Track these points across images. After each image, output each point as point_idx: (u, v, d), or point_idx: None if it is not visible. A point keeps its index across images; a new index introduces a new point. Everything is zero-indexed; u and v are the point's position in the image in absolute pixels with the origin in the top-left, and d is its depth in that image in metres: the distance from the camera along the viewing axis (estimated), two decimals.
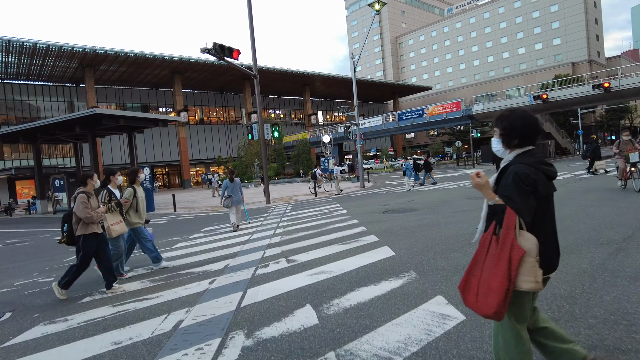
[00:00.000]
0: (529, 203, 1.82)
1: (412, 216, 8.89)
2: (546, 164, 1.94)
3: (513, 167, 1.89)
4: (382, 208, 10.90)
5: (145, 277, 5.53)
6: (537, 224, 1.88)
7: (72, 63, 41.53)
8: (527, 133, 1.95)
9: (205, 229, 10.20)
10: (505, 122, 2.01)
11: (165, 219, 14.13)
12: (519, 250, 1.76)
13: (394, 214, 9.60)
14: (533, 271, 1.77)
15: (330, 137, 32.33)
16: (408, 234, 6.78)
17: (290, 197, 19.02)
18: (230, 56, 13.37)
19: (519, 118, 1.97)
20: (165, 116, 20.40)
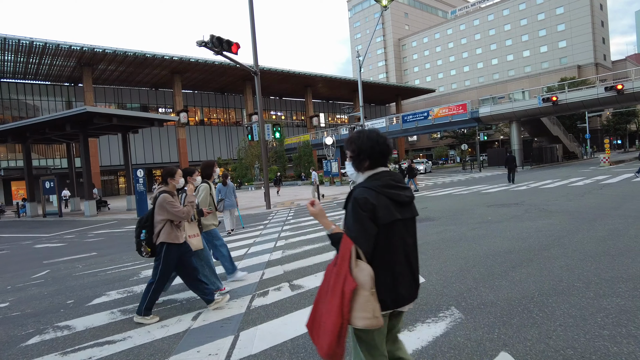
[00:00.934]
0: (367, 230, 1.70)
1: (431, 227, 7.86)
2: (395, 188, 1.80)
3: (354, 192, 1.78)
4: None
5: (117, 305, 4.50)
6: (383, 253, 1.75)
7: (70, 62, 40.66)
8: (376, 155, 1.84)
9: None
10: (354, 145, 1.88)
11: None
12: (351, 283, 1.62)
13: None
14: (368, 306, 1.63)
15: (333, 139, 31.39)
16: (433, 252, 5.74)
17: (291, 202, 18.02)
18: (229, 50, 12.38)
19: (368, 140, 1.85)
20: (160, 115, 19.43)
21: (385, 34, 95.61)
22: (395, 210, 1.76)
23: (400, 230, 1.79)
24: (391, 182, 1.80)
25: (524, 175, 23.37)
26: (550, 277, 4.13)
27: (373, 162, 1.85)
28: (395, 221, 1.76)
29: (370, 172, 1.85)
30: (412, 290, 1.83)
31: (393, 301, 1.75)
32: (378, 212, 1.70)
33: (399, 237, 1.78)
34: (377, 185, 1.77)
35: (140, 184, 16.94)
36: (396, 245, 1.77)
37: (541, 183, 16.44)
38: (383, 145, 1.85)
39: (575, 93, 31.88)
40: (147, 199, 17.49)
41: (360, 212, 1.70)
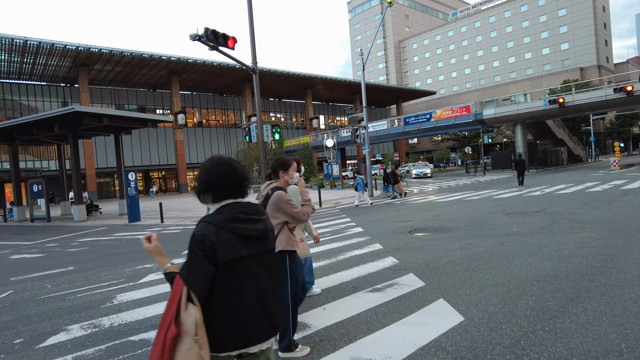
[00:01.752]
0: (200, 271, 1.58)
1: (451, 240, 6.95)
2: (244, 221, 1.70)
3: (195, 228, 1.69)
4: (405, 226, 8.96)
5: (74, 348, 3.58)
6: (226, 293, 1.63)
7: (65, 62, 39.80)
8: (215, 186, 1.72)
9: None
10: (199, 175, 1.77)
11: (147, 233, 12.18)
12: (173, 330, 1.49)
13: (424, 235, 7.66)
14: (191, 354, 1.49)
15: (333, 141, 30.56)
16: (463, 274, 4.82)
17: None
18: (225, 45, 11.49)
19: (212, 170, 1.73)
20: (154, 116, 18.56)
21: (386, 35, 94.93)
22: (242, 246, 1.66)
23: (249, 267, 1.68)
24: (239, 216, 1.69)
25: (533, 179, 22.48)
26: (628, 317, 3.22)
27: (218, 193, 1.73)
28: (242, 258, 1.66)
29: (218, 205, 1.73)
30: (264, 329, 1.71)
31: (236, 343, 1.64)
32: (217, 249, 1.60)
33: (247, 274, 1.67)
34: (221, 219, 1.66)
35: (131, 187, 16.01)
36: (243, 283, 1.66)
37: (555, 188, 15.55)
38: (231, 176, 1.73)
39: (582, 95, 31.06)
40: (139, 204, 16.59)
41: (195, 250, 1.61)
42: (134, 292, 5.23)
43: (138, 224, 15.29)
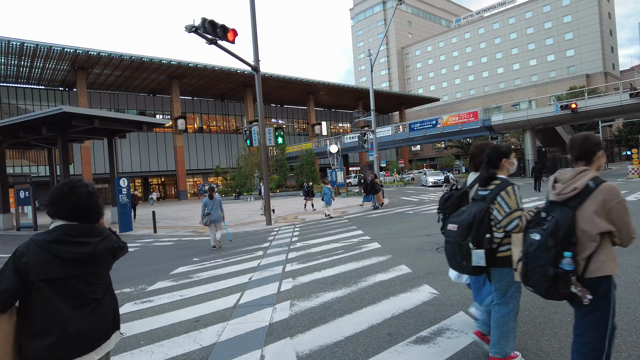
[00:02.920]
0: (2, 282, 1.61)
1: None
2: (67, 244, 1.72)
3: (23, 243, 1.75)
4: (428, 241, 7.77)
5: None
6: (36, 312, 1.66)
7: (63, 65, 38.93)
8: (54, 207, 1.80)
9: (177, 270, 7.06)
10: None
11: (136, 246, 11.00)
12: None
13: None
14: None
15: (338, 147, 29.44)
16: (538, 318, 3.63)
17: (295, 216, 15.94)
18: (224, 37, 10.41)
19: (53, 190, 1.83)
20: (149, 118, 17.51)
21: (388, 42, 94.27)
22: (59, 268, 1.69)
23: (64, 287, 1.71)
24: (64, 238, 1.73)
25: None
26: None
27: (52, 213, 1.82)
28: (56, 279, 1.69)
29: (52, 224, 1.81)
30: (73, 350, 1.69)
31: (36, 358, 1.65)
32: (30, 268, 1.65)
33: (59, 295, 1.69)
34: (45, 239, 1.72)
35: (123, 194, 14.87)
36: (54, 304, 1.68)
37: None
38: (60, 198, 1.79)
39: (596, 100, 29.95)
40: (131, 212, 15.44)
41: (10, 262, 1.66)
42: None
43: (129, 234, 14.12)
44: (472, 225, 2.42)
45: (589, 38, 67.15)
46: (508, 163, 2.68)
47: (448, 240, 2.58)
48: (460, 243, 2.46)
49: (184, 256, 8.52)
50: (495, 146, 2.69)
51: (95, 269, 1.81)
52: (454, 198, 3.09)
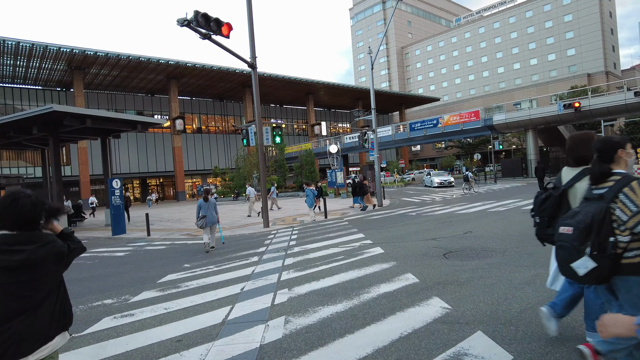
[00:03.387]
0: None
1: (508, 270, 5.27)
2: (2, 252, 1.77)
3: None
4: (434, 246, 7.30)
5: None
6: None
7: (59, 65, 38.48)
8: (7, 221, 1.83)
9: (166, 277, 6.59)
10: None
11: (127, 250, 10.52)
12: None
13: (466, 261, 6.00)
14: None
15: (337, 147, 29.03)
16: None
17: (293, 218, 15.46)
18: (218, 32, 9.95)
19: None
20: (143, 118, 17.01)
21: (388, 42, 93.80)
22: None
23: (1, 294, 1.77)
24: (1, 247, 1.78)
25: None
26: None
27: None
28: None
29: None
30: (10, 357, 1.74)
31: None
32: None
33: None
34: None
35: (115, 196, 14.39)
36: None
37: None
38: (3, 210, 1.82)
39: (599, 99, 29.51)
40: (124, 214, 14.96)
41: None
42: (68, 356, 3.56)
43: (122, 237, 13.65)
44: (591, 227, 1.99)
45: (590, 37, 66.70)
46: (625, 154, 2.28)
47: (562, 245, 2.13)
48: (577, 248, 2.01)
49: (175, 262, 8.05)
50: (605, 138, 2.27)
51: (34, 275, 1.82)
52: (553, 199, 2.64)
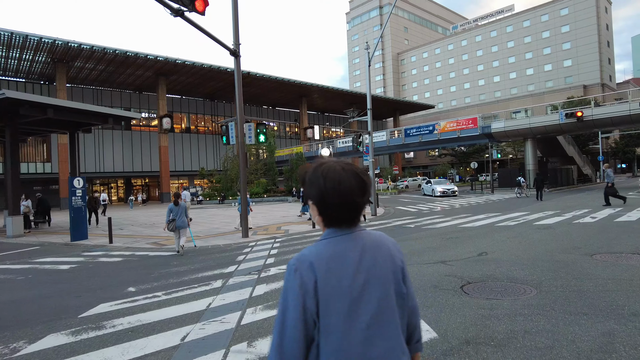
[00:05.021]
0: None
1: (560, 319, 3.80)
2: None
3: None
4: (446, 272, 5.80)
5: None
6: None
7: (41, 57, 36.55)
8: None
9: (95, 308, 4.97)
10: None
11: (75, 262, 8.85)
12: None
13: (493, 299, 4.50)
14: None
15: (330, 151, 27.60)
16: None
17: (278, 226, 13.90)
18: (192, 7, 8.41)
19: None
20: (117, 111, 15.39)
21: (384, 47, 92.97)
22: None
23: None
24: None
25: (556, 201, 19.46)
26: None
27: None
28: None
29: None
30: None
31: None
32: None
33: None
34: None
35: (77, 197, 12.70)
36: None
37: (604, 213, 12.56)
38: None
39: (603, 108, 28.42)
40: (87, 217, 13.25)
41: None
42: None
43: (81, 243, 11.97)
44: None
45: (587, 49, 66.37)
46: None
47: None
48: None
49: (121, 282, 6.44)
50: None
51: None
52: None
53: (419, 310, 1.34)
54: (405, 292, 1.24)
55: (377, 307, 1.15)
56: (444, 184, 29.71)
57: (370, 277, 1.17)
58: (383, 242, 1.26)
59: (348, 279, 1.14)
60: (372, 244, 1.23)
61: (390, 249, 1.26)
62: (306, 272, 1.13)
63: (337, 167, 1.20)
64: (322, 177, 1.19)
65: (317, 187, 1.19)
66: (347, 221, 1.22)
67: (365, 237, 1.23)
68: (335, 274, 1.14)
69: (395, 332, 1.18)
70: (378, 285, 1.17)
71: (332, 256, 1.16)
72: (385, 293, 1.18)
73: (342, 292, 1.13)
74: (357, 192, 1.19)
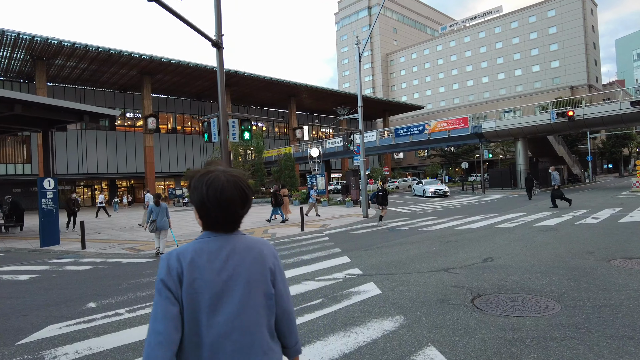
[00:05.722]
0: None
1: (601, 345, 3.15)
2: None
3: None
4: (450, 281, 5.14)
5: None
6: None
7: (19, 54, 35.23)
8: None
9: (42, 331, 4.18)
10: None
11: (38, 271, 7.99)
12: None
13: (512, 316, 3.84)
14: None
15: (319, 151, 26.94)
16: None
17: (264, 229, 13.13)
18: None
19: None
20: (93, 107, 14.39)
21: (373, 48, 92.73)
22: None
23: None
24: None
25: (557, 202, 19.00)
26: None
27: None
28: None
29: None
30: None
31: None
32: None
33: None
34: None
35: (47, 199, 11.78)
36: None
37: (605, 213, 12.09)
38: None
39: (594, 108, 28.27)
40: (58, 222, 12.31)
41: None
42: None
43: (51, 249, 11.06)
44: None
45: (574, 50, 66.90)
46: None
47: None
48: None
49: (82, 295, 5.64)
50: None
51: None
52: None
53: (294, 316, 1.36)
54: (272, 293, 1.28)
55: (240, 304, 1.21)
56: (435, 184, 29.19)
57: (236, 275, 1.23)
58: (256, 245, 1.31)
59: (211, 274, 1.20)
60: (243, 246, 1.28)
61: (263, 251, 1.31)
62: (173, 261, 1.21)
63: (222, 177, 1.25)
64: (206, 185, 1.24)
65: (199, 194, 1.24)
66: (225, 227, 1.28)
67: (239, 239, 1.29)
68: (198, 266, 1.20)
69: (257, 329, 1.23)
70: (242, 283, 1.22)
71: (199, 251, 1.23)
72: (250, 292, 1.23)
73: (204, 285, 1.18)
74: (237, 203, 1.25)
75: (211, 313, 1.18)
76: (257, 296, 1.24)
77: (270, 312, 1.27)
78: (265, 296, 1.26)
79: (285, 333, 1.33)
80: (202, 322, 1.17)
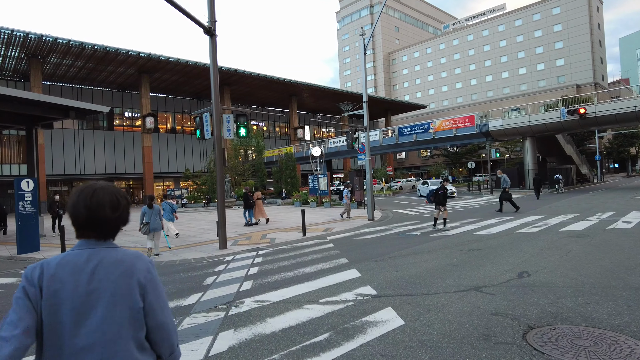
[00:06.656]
0: None
1: None
2: None
3: None
4: (489, 307, 4.13)
5: None
6: None
7: (13, 52, 34.34)
8: None
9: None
10: None
11: (3, 284, 7.02)
12: None
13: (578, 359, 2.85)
14: None
15: (321, 150, 25.98)
16: None
17: (263, 234, 12.15)
18: None
19: None
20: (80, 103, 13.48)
21: (375, 47, 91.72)
22: None
23: None
24: None
25: (565, 203, 17.96)
26: None
27: None
28: None
29: None
30: None
31: None
32: None
33: None
34: None
35: (25, 201, 10.82)
36: None
37: (637, 218, 11.07)
38: None
39: (607, 105, 27.22)
40: (38, 226, 11.34)
41: None
42: None
43: (28, 256, 10.09)
44: None
45: (579, 48, 65.77)
46: None
47: None
48: None
49: None
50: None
51: None
52: None
53: (172, 326, 1.34)
54: (140, 307, 1.27)
55: (103, 317, 1.21)
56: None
57: (101, 289, 1.23)
58: (127, 259, 1.30)
59: (74, 287, 1.21)
60: (113, 260, 1.28)
61: (135, 265, 1.30)
62: (37, 271, 1.22)
63: (96, 186, 1.31)
64: (77, 193, 1.30)
65: (71, 200, 1.28)
66: (96, 233, 1.29)
67: (109, 253, 1.29)
68: (60, 279, 1.21)
69: (121, 343, 1.22)
70: (107, 297, 1.22)
71: (63, 264, 1.24)
72: (115, 306, 1.23)
73: (66, 297, 1.19)
74: (107, 207, 1.27)
75: (73, 326, 1.18)
76: (122, 310, 1.24)
77: (138, 325, 1.26)
78: (131, 309, 1.24)
79: (159, 344, 1.32)
80: (64, 335, 1.18)
